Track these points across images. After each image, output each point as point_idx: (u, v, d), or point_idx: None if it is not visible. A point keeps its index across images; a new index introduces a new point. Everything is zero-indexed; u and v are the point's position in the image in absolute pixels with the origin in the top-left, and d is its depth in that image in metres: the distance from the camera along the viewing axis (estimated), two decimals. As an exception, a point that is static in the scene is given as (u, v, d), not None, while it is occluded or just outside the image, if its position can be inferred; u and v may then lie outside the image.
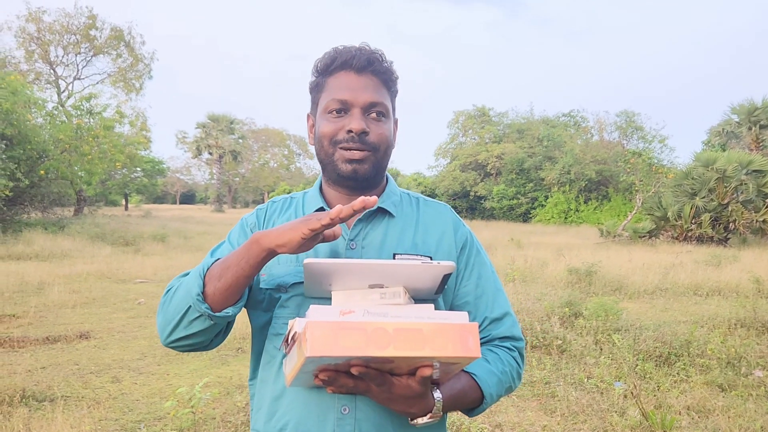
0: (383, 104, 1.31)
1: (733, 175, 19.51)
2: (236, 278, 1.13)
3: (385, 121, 1.32)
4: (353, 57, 1.29)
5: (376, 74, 1.31)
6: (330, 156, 1.31)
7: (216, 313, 1.17)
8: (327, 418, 1.20)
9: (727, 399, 4.58)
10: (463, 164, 41.99)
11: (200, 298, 1.16)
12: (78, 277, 10.20)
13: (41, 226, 18.30)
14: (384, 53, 1.34)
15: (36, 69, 32.79)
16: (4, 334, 6.12)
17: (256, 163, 68.02)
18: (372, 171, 1.31)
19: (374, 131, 1.29)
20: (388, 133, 1.33)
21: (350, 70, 1.30)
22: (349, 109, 1.28)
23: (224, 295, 1.16)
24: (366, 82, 1.29)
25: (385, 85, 1.33)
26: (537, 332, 6.01)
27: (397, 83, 1.38)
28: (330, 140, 1.30)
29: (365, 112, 1.29)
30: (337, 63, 1.30)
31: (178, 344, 1.24)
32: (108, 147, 24.23)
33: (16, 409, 4.08)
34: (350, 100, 1.28)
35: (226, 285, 1.15)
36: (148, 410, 4.24)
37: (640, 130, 38.22)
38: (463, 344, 0.92)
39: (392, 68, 1.35)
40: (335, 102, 1.29)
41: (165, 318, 1.23)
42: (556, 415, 4.28)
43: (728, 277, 10.35)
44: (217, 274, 1.16)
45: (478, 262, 1.41)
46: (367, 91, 1.29)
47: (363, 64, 1.29)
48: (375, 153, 1.30)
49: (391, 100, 1.36)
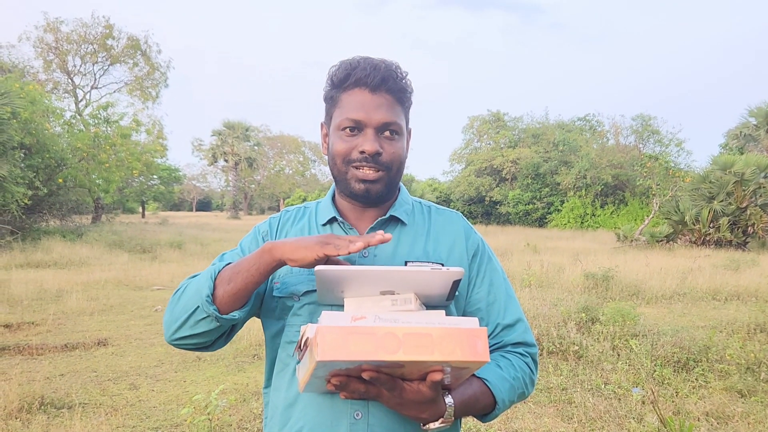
0: (397, 123, 1.30)
1: (751, 179, 19.32)
2: (245, 283, 1.17)
3: (398, 140, 1.32)
4: (368, 75, 1.28)
5: (390, 92, 1.30)
6: (343, 174, 1.32)
7: (223, 316, 1.19)
8: (340, 424, 1.21)
9: (746, 405, 4.53)
10: (478, 169, 41.86)
11: (209, 300, 1.18)
12: (96, 284, 10.28)
13: (59, 233, 18.47)
14: (399, 67, 1.33)
15: (54, 78, 33.16)
16: (23, 342, 6.18)
17: (272, 170, 68.18)
18: (384, 190, 1.32)
19: (387, 151, 1.29)
20: (401, 152, 1.33)
21: (365, 88, 1.28)
22: (363, 129, 1.28)
23: (232, 299, 1.19)
24: (380, 101, 1.28)
25: (400, 102, 1.33)
26: (553, 338, 5.97)
27: (411, 97, 1.37)
28: (343, 159, 1.31)
29: (379, 132, 1.29)
30: (351, 79, 1.29)
31: (182, 342, 1.26)
32: (125, 155, 24.43)
33: (35, 416, 4.12)
34: (364, 120, 1.27)
35: (235, 289, 1.18)
36: (165, 417, 4.27)
37: (656, 133, 37.89)
38: (472, 348, 0.93)
39: (407, 84, 1.34)
40: (348, 121, 1.28)
41: (172, 316, 1.25)
42: (573, 422, 4.25)
43: (747, 282, 10.24)
44: (227, 277, 1.19)
45: (490, 269, 1.42)
46: (380, 111, 1.28)
47: (377, 83, 1.28)
48: (388, 173, 1.31)
49: (404, 115, 1.35)
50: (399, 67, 1.33)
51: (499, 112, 45.18)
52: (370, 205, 1.37)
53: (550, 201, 37.85)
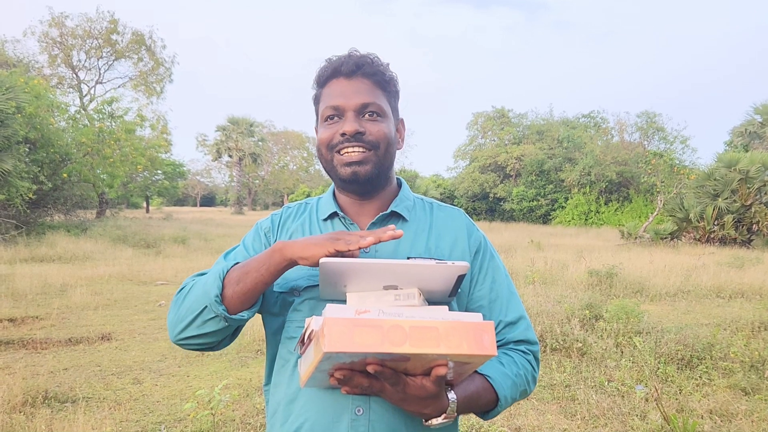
0: (376, 104, 1.30)
1: (756, 176, 19.27)
2: (255, 284, 1.16)
3: (382, 120, 1.32)
4: (342, 63, 1.31)
5: (366, 76, 1.31)
6: (330, 162, 1.32)
7: (232, 316, 1.19)
8: (341, 419, 1.21)
9: (750, 403, 4.51)
10: (482, 166, 41.85)
11: (218, 300, 1.18)
12: (100, 279, 10.31)
13: (64, 228, 18.52)
14: (377, 56, 1.35)
15: (59, 73, 33.31)
16: (28, 336, 6.20)
17: (276, 166, 68.29)
18: (374, 171, 1.31)
19: (370, 130, 1.29)
20: (387, 131, 1.32)
21: (340, 76, 1.31)
22: (343, 114, 1.30)
23: (241, 299, 1.18)
24: (357, 86, 1.30)
25: (380, 86, 1.33)
26: (557, 335, 5.96)
27: (395, 84, 1.38)
28: (327, 146, 1.32)
29: (359, 114, 1.30)
30: (328, 72, 1.33)
31: (188, 342, 1.26)
32: (129, 150, 24.48)
33: (39, 410, 4.13)
34: (342, 104, 1.29)
35: (244, 289, 1.17)
36: (169, 412, 4.28)
37: (661, 130, 37.78)
38: (479, 342, 0.93)
39: (386, 69, 1.35)
40: (329, 109, 1.31)
41: (177, 316, 1.25)
42: (576, 419, 4.25)
43: (751, 279, 10.22)
44: (236, 278, 1.18)
45: (492, 266, 1.41)
46: (358, 94, 1.29)
47: (352, 69, 1.30)
48: (375, 151, 1.30)
49: (388, 101, 1.36)
50: (378, 57, 1.35)
51: (503, 109, 45.14)
52: (363, 192, 1.36)
53: (554, 198, 37.81)
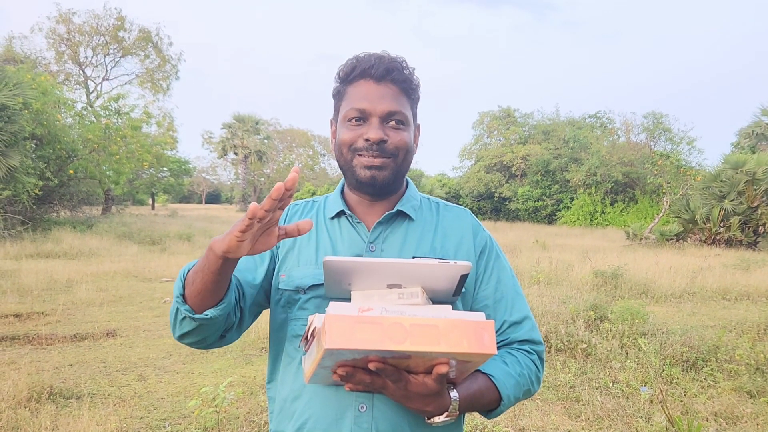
0: (402, 113, 1.30)
1: (762, 178, 19.18)
2: (204, 283, 1.13)
3: (404, 129, 1.32)
4: (372, 66, 1.29)
5: (395, 83, 1.31)
6: (349, 162, 1.32)
7: (197, 315, 1.17)
8: (345, 416, 1.22)
9: (755, 405, 4.50)
10: (487, 165, 41.77)
11: (180, 300, 1.18)
12: (105, 275, 10.34)
13: (70, 224, 18.59)
14: (405, 60, 1.34)
15: (66, 70, 33.42)
16: (33, 332, 6.22)
17: (282, 164, 68.29)
18: (391, 177, 1.32)
19: (393, 139, 1.29)
20: (408, 140, 1.33)
21: (369, 78, 1.30)
22: (368, 118, 1.29)
23: (200, 299, 1.16)
24: (385, 91, 1.30)
25: (405, 93, 1.33)
26: (562, 335, 5.95)
27: (418, 90, 1.37)
28: (349, 147, 1.31)
29: (384, 121, 1.29)
30: (356, 72, 1.31)
31: (184, 341, 1.26)
32: (135, 147, 24.52)
33: (44, 406, 4.15)
34: (369, 109, 1.28)
35: (197, 290, 1.14)
36: (173, 409, 4.28)
37: (667, 131, 37.64)
38: (479, 340, 0.93)
39: (413, 76, 1.35)
40: (354, 111, 1.30)
41: (169, 316, 1.26)
42: (580, 420, 4.24)
43: (757, 281, 10.18)
44: (191, 278, 1.16)
45: (498, 266, 1.42)
46: (385, 100, 1.29)
47: (382, 73, 1.29)
48: (394, 159, 1.31)
49: (411, 108, 1.36)
50: (405, 61, 1.34)
51: (509, 108, 45.05)
52: (377, 195, 1.37)
53: (559, 198, 37.72)
